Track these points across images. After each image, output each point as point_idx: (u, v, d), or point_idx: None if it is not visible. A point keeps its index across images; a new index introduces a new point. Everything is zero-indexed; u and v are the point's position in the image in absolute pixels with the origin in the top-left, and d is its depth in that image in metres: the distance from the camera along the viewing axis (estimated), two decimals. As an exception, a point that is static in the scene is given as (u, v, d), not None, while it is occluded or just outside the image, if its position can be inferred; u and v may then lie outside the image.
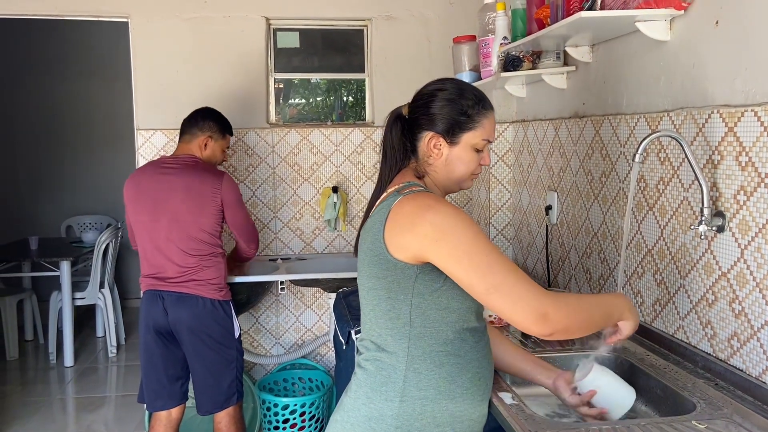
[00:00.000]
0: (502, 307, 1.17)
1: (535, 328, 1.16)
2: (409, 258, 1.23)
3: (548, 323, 1.15)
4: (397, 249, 1.23)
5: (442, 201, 1.25)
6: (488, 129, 1.36)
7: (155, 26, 3.25)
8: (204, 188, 2.49)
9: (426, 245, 1.20)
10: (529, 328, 1.17)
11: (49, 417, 3.67)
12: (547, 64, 2.32)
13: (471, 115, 1.34)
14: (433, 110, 1.35)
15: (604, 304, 1.30)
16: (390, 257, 1.24)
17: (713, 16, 1.53)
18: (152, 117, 3.26)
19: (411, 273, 1.24)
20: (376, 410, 1.27)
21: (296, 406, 3.03)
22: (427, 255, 1.21)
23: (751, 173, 1.42)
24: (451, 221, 1.20)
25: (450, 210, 1.21)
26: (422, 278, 1.24)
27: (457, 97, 1.34)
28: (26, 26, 5.57)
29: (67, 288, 4.43)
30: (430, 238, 1.19)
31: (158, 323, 2.50)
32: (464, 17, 3.31)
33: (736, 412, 1.34)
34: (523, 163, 2.84)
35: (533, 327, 1.16)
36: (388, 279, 1.26)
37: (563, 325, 1.17)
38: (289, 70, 3.56)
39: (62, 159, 5.90)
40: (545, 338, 1.19)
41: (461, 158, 1.35)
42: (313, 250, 3.48)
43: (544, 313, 1.15)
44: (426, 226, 1.20)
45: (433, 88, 1.38)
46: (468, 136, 1.34)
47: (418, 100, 1.38)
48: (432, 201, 1.24)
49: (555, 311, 1.16)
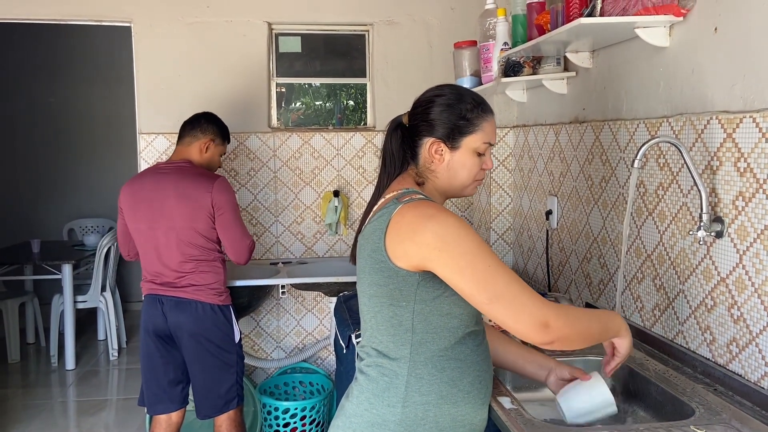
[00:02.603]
0: (504, 317, 1.18)
1: (536, 337, 1.18)
2: (411, 266, 1.23)
3: (549, 332, 1.17)
4: (398, 257, 1.24)
5: (444, 210, 1.25)
6: (489, 132, 1.37)
7: (158, 31, 3.26)
8: (197, 192, 2.46)
9: (428, 255, 1.20)
10: (531, 337, 1.18)
11: (51, 420, 3.67)
12: (548, 70, 2.33)
13: (470, 119, 1.34)
14: (432, 116, 1.35)
15: (601, 318, 1.31)
16: (392, 265, 1.25)
17: (712, 22, 1.54)
18: (154, 121, 3.28)
19: (413, 281, 1.24)
20: (378, 416, 1.28)
21: (297, 409, 3.03)
22: (428, 264, 1.21)
23: (749, 179, 1.43)
24: (453, 231, 1.20)
25: (452, 220, 1.22)
26: (424, 285, 1.25)
27: (455, 102, 1.35)
28: (30, 31, 5.60)
29: (69, 291, 4.44)
30: (432, 247, 1.19)
31: (158, 327, 2.50)
32: (465, 23, 3.32)
33: (735, 417, 1.35)
34: (524, 168, 2.85)
35: (535, 336, 1.17)
36: (389, 287, 1.26)
37: (563, 334, 1.18)
38: (291, 74, 3.57)
39: (64, 162, 5.92)
40: (545, 347, 1.21)
41: (463, 163, 1.35)
42: (314, 254, 3.49)
43: (545, 322, 1.16)
44: (428, 236, 1.20)
45: (431, 94, 1.38)
46: (469, 140, 1.35)
47: (417, 108, 1.39)
48: (434, 210, 1.24)
49: (555, 320, 1.17)
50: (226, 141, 2.73)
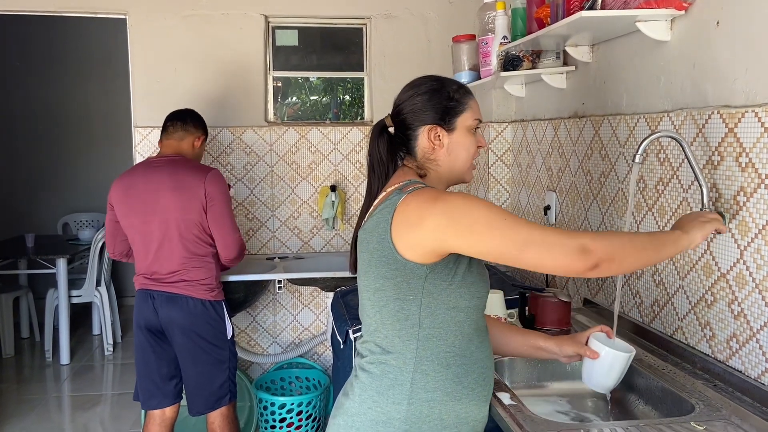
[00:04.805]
0: (540, 259, 1.15)
1: (579, 264, 1.14)
2: (421, 256, 1.22)
3: (590, 255, 1.13)
4: (406, 248, 1.22)
5: (447, 192, 1.26)
6: (475, 109, 1.39)
7: (153, 23, 3.23)
8: (191, 182, 2.46)
9: (442, 235, 1.19)
10: (574, 267, 1.15)
11: (45, 415, 3.65)
12: (547, 64, 2.32)
13: (458, 99, 1.36)
14: (420, 105, 1.35)
15: (653, 235, 1.28)
16: (399, 257, 1.23)
17: (714, 16, 1.53)
18: (150, 114, 3.25)
19: (421, 273, 1.23)
20: (383, 414, 1.26)
21: (293, 405, 3.02)
22: (445, 245, 1.20)
23: (751, 174, 1.42)
24: (460, 203, 1.20)
25: (456, 196, 1.22)
26: (432, 278, 1.23)
27: (439, 87, 1.37)
28: (23, 23, 5.55)
29: (64, 286, 4.42)
30: (444, 226, 1.18)
31: (150, 322, 2.49)
32: (464, 16, 3.30)
33: (735, 414, 1.34)
34: (522, 163, 2.84)
35: (577, 264, 1.14)
36: (396, 279, 1.25)
37: (606, 253, 1.15)
38: (288, 68, 3.55)
39: (59, 156, 5.89)
40: (594, 274, 1.15)
41: (461, 143, 1.36)
42: (311, 249, 3.47)
43: (583, 246, 1.14)
44: (438, 217, 1.19)
45: (411, 89, 1.39)
46: (462, 119, 1.36)
47: (400, 105, 1.39)
48: (436, 193, 1.24)
49: (592, 241, 1.15)
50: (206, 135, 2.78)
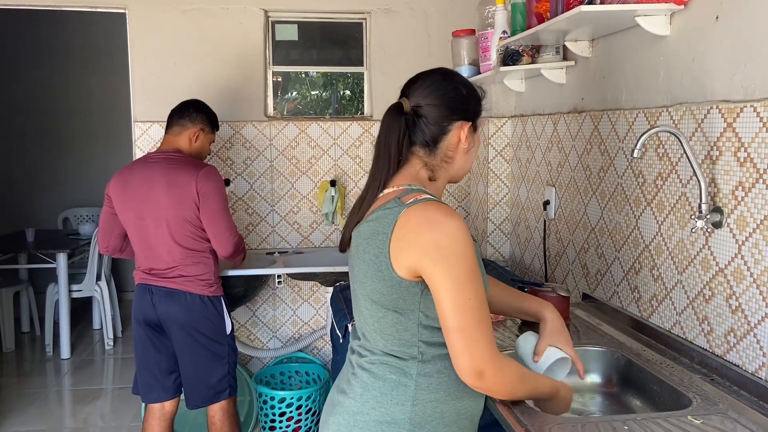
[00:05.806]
0: (455, 348, 1.19)
1: (468, 380, 1.20)
2: (410, 273, 1.20)
3: (482, 381, 1.19)
4: (401, 267, 1.20)
5: (451, 216, 1.19)
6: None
7: (153, 17, 3.23)
8: (183, 179, 2.43)
9: (423, 262, 1.18)
10: (464, 377, 1.20)
11: (46, 409, 3.67)
12: (547, 59, 2.31)
13: (481, 98, 1.34)
14: (461, 98, 1.29)
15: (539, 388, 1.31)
16: (394, 275, 1.21)
17: (713, 11, 1.52)
18: (149, 109, 3.25)
19: (416, 290, 1.22)
20: (387, 414, 1.25)
21: (293, 399, 3.03)
22: (419, 270, 1.19)
23: (749, 169, 1.42)
24: (455, 247, 1.16)
25: (457, 233, 1.17)
26: (428, 294, 1.22)
27: (469, 84, 1.34)
28: (23, 17, 5.55)
29: (64, 280, 4.42)
30: (430, 257, 1.16)
31: (148, 317, 2.49)
32: (464, 11, 3.30)
33: (732, 408, 1.34)
34: (522, 158, 2.84)
35: (468, 378, 1.20)
36: (393, 296, 1.24)
37: (489, 389, 1.22)
38: (288, 63, 3.55)
39: (59, 151, 5.88)
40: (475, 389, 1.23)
41: (478, 145, 1.36)
42: (311, 244, 3.48)
43: (481, 372, 1.19)
44: (430, 245, 1.16)
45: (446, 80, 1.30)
46: (480, 121, 1.35)
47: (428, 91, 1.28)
48: (441, 215, 1.18)
49: (492, 374, 1.19)
50: (216, 129, 2.71)
